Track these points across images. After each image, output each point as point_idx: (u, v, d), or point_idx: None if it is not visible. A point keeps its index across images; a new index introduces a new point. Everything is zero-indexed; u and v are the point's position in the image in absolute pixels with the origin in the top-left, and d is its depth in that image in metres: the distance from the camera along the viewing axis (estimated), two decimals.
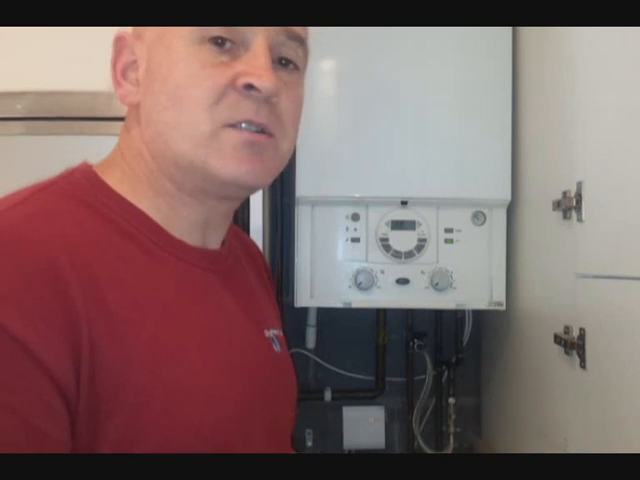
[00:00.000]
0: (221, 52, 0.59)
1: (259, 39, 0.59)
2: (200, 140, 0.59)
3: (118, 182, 0.62)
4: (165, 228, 0.62)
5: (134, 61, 0.64)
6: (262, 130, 0.60)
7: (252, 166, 0.60)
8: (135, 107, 0.63)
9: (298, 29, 0.62)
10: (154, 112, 0.61)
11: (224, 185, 0.61)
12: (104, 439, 0.50)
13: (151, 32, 0.62)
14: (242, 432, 0.60)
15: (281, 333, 0.74)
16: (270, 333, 0.70)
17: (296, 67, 0.64)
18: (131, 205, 0.61)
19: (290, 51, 0.63)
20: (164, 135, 0.60)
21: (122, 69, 0.64)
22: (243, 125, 0.59)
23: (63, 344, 0.49)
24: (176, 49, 0.60)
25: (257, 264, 0.81)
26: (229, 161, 0.59)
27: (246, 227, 1.25)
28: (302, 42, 0.63)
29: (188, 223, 0.64)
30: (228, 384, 0.60)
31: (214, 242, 0.67)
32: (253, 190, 0.66)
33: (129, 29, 0.65)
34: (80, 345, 0.50)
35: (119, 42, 0.64)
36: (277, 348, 0.70)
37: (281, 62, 0.63)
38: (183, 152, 0.60)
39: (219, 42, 0.59)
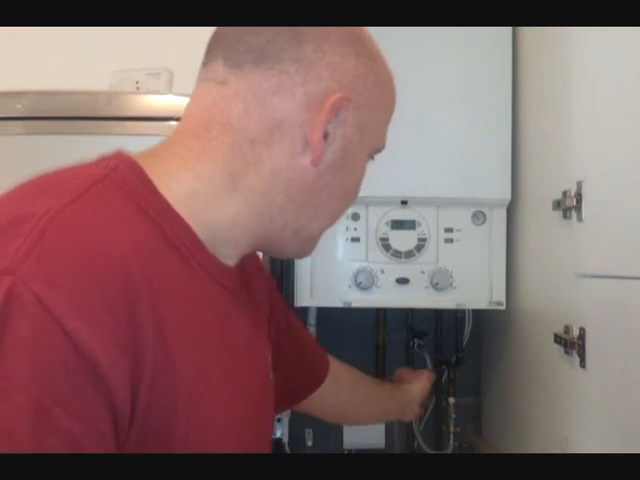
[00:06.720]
0: None
1: None
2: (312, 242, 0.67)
3: (188, 194, 0.57)
4: (204, 242, 0.59)
5: (329, 134, 0.60)
6: None
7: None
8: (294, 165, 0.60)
9: None
10: (326, 196, 0.64)
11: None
12: None
13: (352, 119, 0.62)
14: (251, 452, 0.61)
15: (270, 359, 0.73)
16: (269, 359, 0.70)
17: None
18: (179, 216, 0.56)
19: None
20: (306, 221, 0.64)
21: (325, 132, 0.60)
22: None
23: (128, 369, 0.46)
24: (362, 158, 0.66)
25: (264, 275, 0.81)
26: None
27: None
28: None
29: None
30: (247, 408, 0.60)
31: (232, 261, 0.64)
32: None
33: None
34: (142, 372, 0.47)
35: (345, 103, 0.60)
36: (271, 375, 0.71)
37: None
38: (294, 247, 0.66)
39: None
